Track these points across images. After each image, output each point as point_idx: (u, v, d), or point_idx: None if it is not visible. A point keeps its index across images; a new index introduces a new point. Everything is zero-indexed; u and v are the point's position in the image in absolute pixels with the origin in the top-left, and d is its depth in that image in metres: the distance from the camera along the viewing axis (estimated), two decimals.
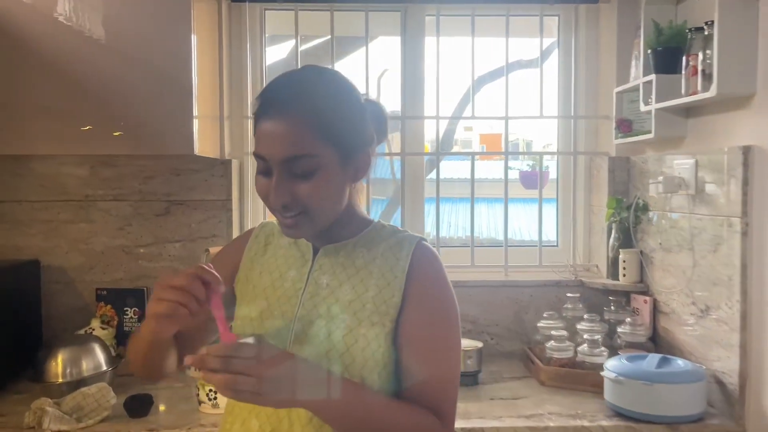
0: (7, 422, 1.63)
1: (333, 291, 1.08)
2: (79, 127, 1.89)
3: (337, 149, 1.01)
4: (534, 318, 2.19)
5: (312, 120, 0.98)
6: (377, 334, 1.04)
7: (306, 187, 0.99)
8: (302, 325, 1.07)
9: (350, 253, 1.11)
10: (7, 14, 1.83)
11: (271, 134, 0.99)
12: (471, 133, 3.51)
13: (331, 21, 2.30)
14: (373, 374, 1.03)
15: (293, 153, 0.98)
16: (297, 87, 1.01)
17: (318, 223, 1.04)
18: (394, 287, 1.07)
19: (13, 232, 2.18)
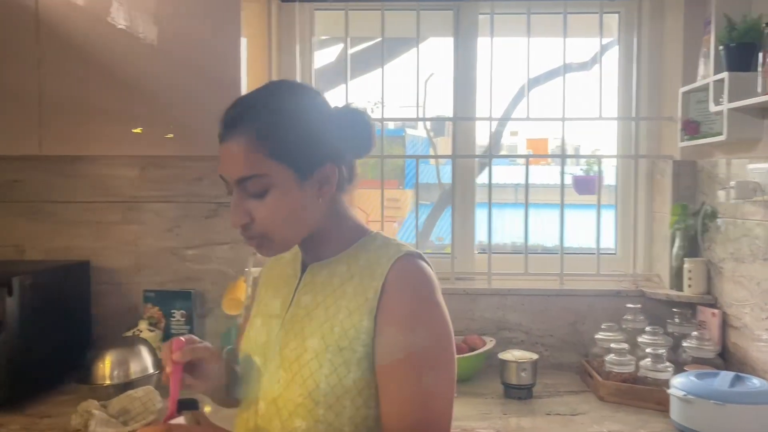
0: (55, 424, 1.63)
1: (309, 312, 1.04)
2: (130, 128, 1.89)
3: (292, 167, 0.99)
4: (591, 329, 2.08)
5: (259, 140, 0.97)
6: (345, 360, 0.98)
7: (261, 207, 0.98)
8: (279, 346, 1.04)
9: (333, 270, 1.06)
10: (61, 18, 1.85)
11: (225, 155, 0.99)
12: (517, 138, 3.43)
13: (382, 21, 2.25)
14: (343, 400, 0.98)
15: (243, 174, 0.98)
16: (246, 107, 1.01)
17: (281, 242, 1.03)
18: (363, 310, 0.99)
19: (64, 233, 2.20)
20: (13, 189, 2.20)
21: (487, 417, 1.70)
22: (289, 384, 1.00)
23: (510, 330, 2.16)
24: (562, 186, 2.25)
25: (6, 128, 1.87)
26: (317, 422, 0.98)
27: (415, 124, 2.78)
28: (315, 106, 1.04)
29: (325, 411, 0.98)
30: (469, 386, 1.93)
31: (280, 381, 1.02)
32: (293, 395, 1.00)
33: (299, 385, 0.99)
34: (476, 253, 2.34)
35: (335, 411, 0.98)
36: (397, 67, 2.53)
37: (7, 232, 2.20)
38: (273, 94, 1.03)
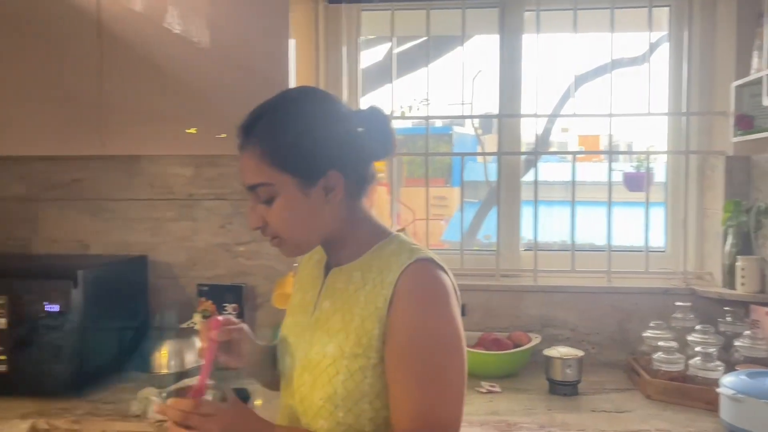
0: (116, 409, 1.72)
1: (328, 318, 1.08)
2: (185, 129, 1.97)
3: (294, 176, 1.03)
4: (639, 327, 2.06)
5: (264, 150, 1.03)
6: (361, 366, 1.02)
7: (271, 213, 1.04)
8: (305, 349, 1.09)
9: (349, 277, 1.09)
10: (121, 23, 1.94)
11: (240, 164, 1.07)
12: (568, 134, 3.40)
13: (427, 20, 2.27)
14: (361, 404, 1.02)
15: (252, 182, 1.05)
16: (255, 118, 1.06)
17: (295, 245, 1.08)
18: (374, 318, 1.02)
19: (124, 229, 2.30)
20: (77, 187, 2.32)
21: (532, 412, 1.71)
22: (312, 387, 1.05)
23: (556, 327, 2.16)
24: (610, 182, 2.23)
25: (69, 129, 1.97)
26: (338, 424, 1.03)
27: (463, 122, 2.79)
28: (322, 115, 1.06)
29: (345, 414, 1.02)
30: (513, 382, 1.94)
31: (305, 383, 1.07)
32: (315, 398, 1.04)
33: (319, 389, 1.04)
34: (522, 250, 2.34)
35: (354, 414, 1.02)
36: (443, 65, 2.55)
37: (72, 228, 2.32)
38: (280, 104, 1.07)
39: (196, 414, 0.94)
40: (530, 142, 2.39)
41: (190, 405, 0.95)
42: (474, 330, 2.15)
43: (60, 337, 1.77)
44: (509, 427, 1.60)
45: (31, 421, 1.63)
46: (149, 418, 1.62)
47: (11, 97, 1.98)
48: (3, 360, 1.77)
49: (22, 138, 1.99)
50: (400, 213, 2.48)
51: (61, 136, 1.98)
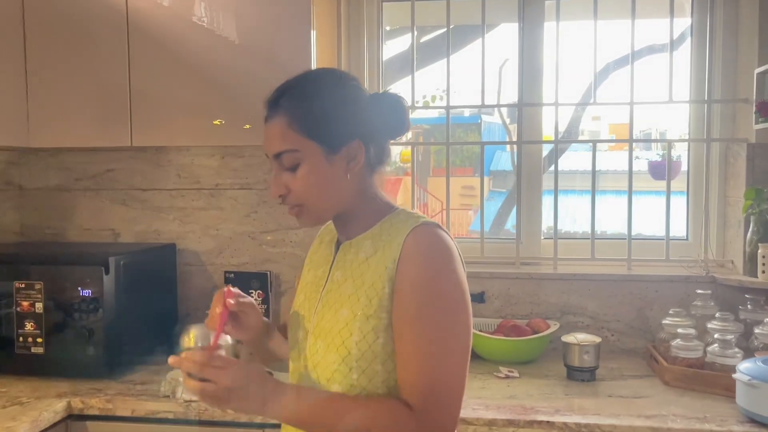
0: (146, 390, 1.79)
1: (339, 286, 1.13)
2: (211, 120, 2.02)
3: (319, 143, 1.08)
4: (659, 315, 2.07)
5: (291, 118, 1.08)
6: (374, 327, 1.06)
7: (294, 179, 1.09)
8: (318, 318, 1.14)
9: (359, 247, 1.14)
10: (148, 17, 1.99)
11: (265, 134, 1.12)
12: (599, 122, 3.38)
13: (447, 10, 2.29)
14: (374, 365, 1.07)
15: (277, 149, 1.09)
16: (283, 90, 1.12)
17: (316, 213, 1.12)
18: (384, 278, 1.07)
19: (153, 218, 2.38)
20: (108, 178, 2.40)
21: (549, 397, 1.73)
22: (325, 353, 1.10)
23: (575, 314, 2.17)
24: (630, 170, 2.23)
25: (100, 122, 2.05)
26: (352, 386, 1.07)
27: (492, 111, 2.80)
28: (345, 89, 1.13)
29: (359, 376, 1.07)
30: (532, 368, 1.96)
31: (318, 351, 1.11)
32: (329, 362, 1.09)
33: (333, 352, 1.08)
34: (543, 238, 2.36)
35: (368, 376, 1.07)
36: (467, 55, 2.56)
37: (104, 217, 2.40)
38: (307, 78, 1.15)
39: (209, 366, 0.98)
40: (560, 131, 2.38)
41: (204, 357, 0.99)
42: (494, 317, 2.18)
43: (93, 321, 1.85)
44: (526, 410, 1.63)
45: (67, 400, 1.71)
46: (177, 399, 1.69)
47: (46, 93, 2.06)
48: (40, 342, 1.86)
49: (57, 131, 2.07)
50: (426, 203, 2.51)
51: (93, 129, 2.05)
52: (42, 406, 1.66)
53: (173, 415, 1.68)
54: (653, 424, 1.53)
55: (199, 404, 1.68)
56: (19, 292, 1.86)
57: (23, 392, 1.77)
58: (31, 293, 1.85)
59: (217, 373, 0.98)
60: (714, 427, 1.52)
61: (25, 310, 1.86)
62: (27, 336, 1.86)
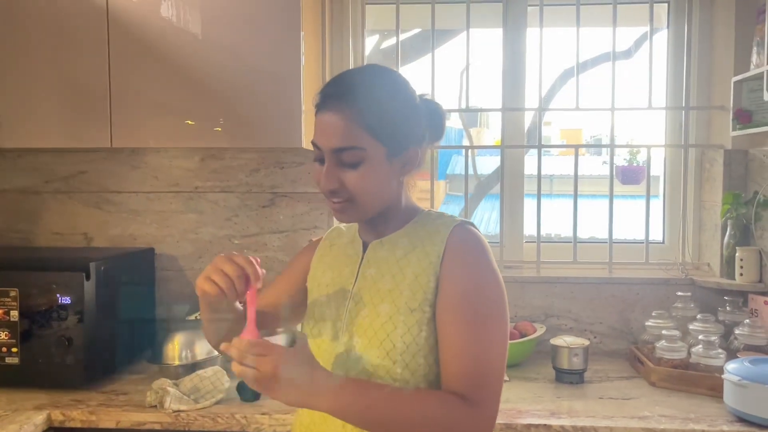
0: (130, 400, 1.72)
1: (375, 282, 1.13)
2: (189, 121, 1.96)
3: (385, 144, 1.08)
4: (641, 317, 2.12)
5: (362, 116, 1.06)
6: (417, 320, 1.08)
7: (352, 176, 1.07)
8: (351, 316, 1.13)
9: (393, 245, 1.16)
10: (129, 17, 1.92)
11: (325, 125, 1.08)
12: (550, 128, 3.46)
13: (432, 14, 2.29)
14: (417, 358, 1.07)
15: (342, 144, 1.06)
16: (353, 84, 1.10)
17: (362, 209, 1.11)
18: (429, 273, 1.09)
19: (129, 222, 2.30)
20: (80, 180, 2.31)
21: (540, 400, 1.74)
22: (366, 348, 1.09)
23: (559, 317, 2.20)
24: (612, 175, 2.27)
25: (78, 122, 1.96)
26: (395, 381, 1.07)
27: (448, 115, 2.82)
28: (409, 92, 1.13)
29: (402, 370, 1.07)
30: (520, 371, 1.97)
31: (356, 347, 1.10)
32: (372, 358, 1.08)
33: (376, 347, 1.08)
34: (525, 242, 2.38)
35: (411, 369, 1.07)
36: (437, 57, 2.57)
37: (75, 220, 2.31)
38: (375, 75, 1.13)
39: (250, 352, 0.96)
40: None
41: (245, 344, 0.97)
42: None
43: (72, 328, 1.77)
44: (520, 413, 1.64)
45: (46, 413, 1.63)
46: (165, 409, 1.63)
47: (20, 90, 1.96)
48: (15, 352, 1.77)
49: (31, 131, 1.98)
50: None
51: (70, 129, 1.96)
52: (21, 419, 1.58)
53: (161, 426, 1.63)
54: (647, 425, 1.56)
55: (188, 414, 1.62)
56: None
57: None
58: (5, 300, 1.76)
59: (258, 360, 0.96)
60: (705, 426, 1.55)
61: None
62: (1, 346, 1.77)
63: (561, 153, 2.96)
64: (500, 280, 1.10)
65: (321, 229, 2.26)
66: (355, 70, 1.15)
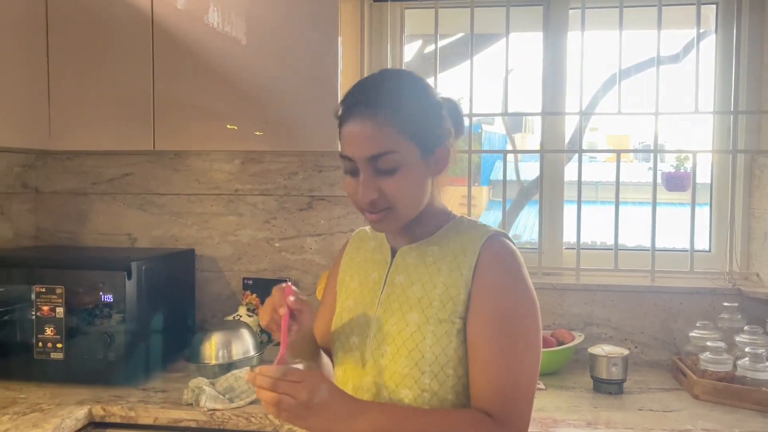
0: (168, 398, 1.76)
1: (405, 290, 1.12)
2: (230, 125, 2.00)
3: (417, 144, 1.06)
4: (684, 327, 2.05)
5: (391, 118, 1.04)
6: (446, 331, 1.06)
7: (391, 182, 1.05)
8: (379, 323, 1.12)
9: (423, 251, 1.14)
10: (173, 24, 1.97)
11: (355, 134, 1.05)
12: (597, 134, 3.39)
13: (471, 18, 2.27)
14: (446, 369, 1.06)
15: (377, 151, 1.04)
16: (374, 89, 1.07)
17: (403, 216, 1.09)
18: (460, 284, 1.07)
19: (171, 223, 2.35)
20: (125, 182, 2.38)
21: (577, 410, 1.71)
22: (394, 356, 1.08)
23: (598, 326, 2.15)
24: (654, 182, 2.21)
25: (123, 126, 2.03)
26: (423, 391, 1.06)
27: (492, 119, 2.79)
28: (430, 91, 1.13)
29: (431, 380, 1.05)
30: (557, 379, 1.94)
31: (385, 355, 1.09)
32: (399, 366, 1.07)
33: (405, 356, 1.07)
34: (564, 248, 2.34)
35: (439, 380, 1.05)
36: (476, 63, 2.55)
37: (120, 221, 2.38)
38: (394, 78, 1.11)
39: (284, 380, 0.95)
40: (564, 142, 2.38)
41: (279, 372, 0.95)
42: None
43: (113, 326, 1.82)
44: (555, 423, 1.61)
45: (88, 407, 1.68)
46: (201, 407, 1.66)
47: (69, 96, 2.04)
48: (60, 348, 1.83)
49: (79, 134, 2.05)
50: None
51: (116, 132, 2.03)
52: (63, 414, 1.63)
53: (196, 423, 1.66)
54: None
55: (222, 413, 1.65)
56: (40, 297, 1.83)
57: (42, 399, 1.73)
58: (52, 297, 1.82)
59: (293, 387, 0.95)
60: None
61: (45, 314, 1.83)
62: (47, 341, 1.83)
63: (608, 159, 2.90)
64: (534, 296, 1.08)
65: None
66: (371, 76, 1.12)
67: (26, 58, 1.98)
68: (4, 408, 1.65)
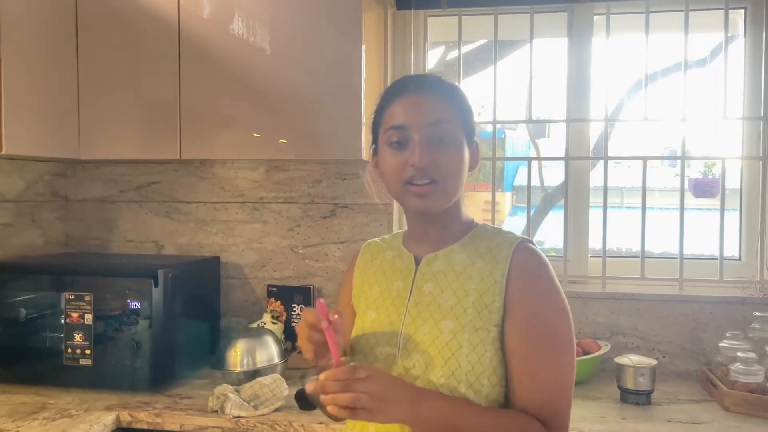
0: (193, 404, 1.77)
1: (435, 298, 1.11)
2: (255, 133, 2.01)
3: (465, 129, 1.13)
4: (714, 337, 2.01)
5: (447, 97, 1.12)
6: (482, 339, 1.06)
7: (444, 153, 1.09)
8: (409, 332, 1.11)
9: (450, 259, 1.14)
10: (199, 34, 2.00)
11: (414, 103, 1.10)
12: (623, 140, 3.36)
13: (495, 25, 2.27)
14: (481, 378, 1.05)
15: (437, 117, 1.09)
16: (425, 77, 1.16)
17: (446, 195, 1.10)
18: (494, 292, 1.07)
19: (196, 230, 2.38)
20: (152, 190, 2.41)
21: (604, 420, 1.68)
22: (427, 366, 1.07)
23: (625, 335, 2.12)
24: (682, 188, 2.18)
25: (150, 135, 2.06)
26: (456, 398, 1.04)
27: (515, 126, 2.78)
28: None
29: (466, 389, 1.05)
30: (583, 389, 1.91)
31: (417, 365, 1.08)
32: (434, 376, 1.06)
33: (440, 366, 1.05)
34: (590, 256, 2.31)
35: (474, 389, 1.05)
36: (501, 68, 2.54)
37: (147, 228, 2.41)
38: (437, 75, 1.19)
39: (354, 379, 0.96)
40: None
41: (346, 372, 0.97)
42: None
43: (140, 333, 1.84)
44: None
45: (115, 413, 1.70)
46: (227, 414, 1.67)
47: (98, 106, 2.07)
48: (88, 354, 1.86)
49: (108, 143, 2.08)
50: None
51: (143, 141, 2.06)
52: (91, 419, 1.65)
53: (222, 430, 1.66)
54: None
55: (247, 421, 1.66)
56: (69, 304, 1.86)
57: (71, 404, 1.76)
58: (81, 304, 1.86)
59: (365, 383, 0.96)
60: None
61: (74, 321, 1.86)
62: (75, 347, 1.86)
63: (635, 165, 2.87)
64: (566, 301, 1.10)
65: None
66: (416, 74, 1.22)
67: (56, 71, 2.02)
68: (34, 413, 1.68)
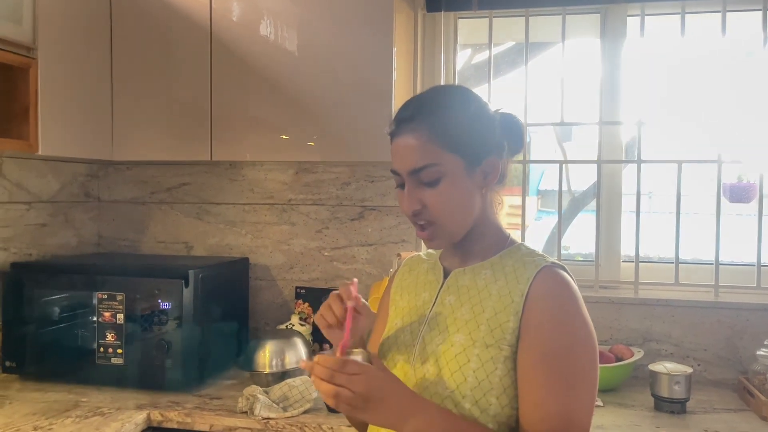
0: (223, 405, 1.78)
1: (453, 311, 1.10)
2: (282, 136, 2.02)
3: (462, 156, 1.07)
4: (751, 345, 1.96)
5: (433, 132, 1.06)
6: (492, 356, 1.03)
7: (433, 194, 1.06)
8: (425, 341, 1.10)
9: (477, 275, 1.12)
10: (231, 36, 2.02)
11: (400, 149, 1.08)
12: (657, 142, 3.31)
13: (526, 27, 2.25)
14: (488, 396, 1.02)
15: (417, 164, 1.06)
16: (420, 104, 1.10)
17: (450, 231, 1.09)
18: (509, 311, 1.04)
19: (226, 232, 2.40)
20: (182, 191, 2.43)
21: (638, 429, 1.65)
22: (437, 377, 1.05)
23: (658, 342, 2.08)
24: (719, 192, 2.14)
25: (182, 137, 2.08)
26: (463, 417, 1.01)
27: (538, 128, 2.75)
28: (480, 104, 1.13)
29: (471, 406, 1.01)
30: (616, 396, 1.88)
31: (426, 375, 1.07)
32: (440, 389, 1.04)
33: (447, 378, 1.04)
34: (622, 261, 2.27)
35: (481, 407, 1.01)
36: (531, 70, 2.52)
37: (177, 229, 2.44)
38: (442, 93, 1.14)
39: (342, 372, 0.93)
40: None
41: (337, 363, 0.93)
42: None
43: (171, 333, 1.86)
44: None
45: (146, 412, 1.71)
46: (256, 416, 1.67)
47: (130, 109, 2.10)
48: (120, 353, 1.88)
49: (139, 145, 2.11)
50: None
51: (174, 143, 2.08)
52: (123, 418, 1.67)
53: (251, 431, 1.67)
54: None
55: (276, 422, 1.66)
56: (102, 303, 1.89)
57: (103, 403, 1.78)
58: (113, 304, 1.88)
59: (350, 379, 0.92)
60: None
61: (106, 320, 1.88)
62: (108, 347, 1.88)
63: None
64: (590, 329, 1.04)
65: (409, 243, 2.26)
66: (422, 92, 1.15)
67: (91, 74, 2.05)
68: (68, 411, 1.70)
